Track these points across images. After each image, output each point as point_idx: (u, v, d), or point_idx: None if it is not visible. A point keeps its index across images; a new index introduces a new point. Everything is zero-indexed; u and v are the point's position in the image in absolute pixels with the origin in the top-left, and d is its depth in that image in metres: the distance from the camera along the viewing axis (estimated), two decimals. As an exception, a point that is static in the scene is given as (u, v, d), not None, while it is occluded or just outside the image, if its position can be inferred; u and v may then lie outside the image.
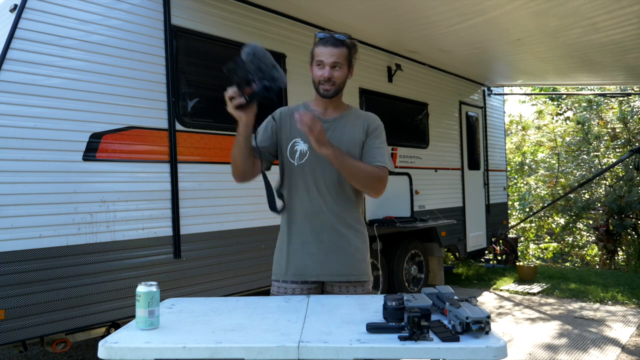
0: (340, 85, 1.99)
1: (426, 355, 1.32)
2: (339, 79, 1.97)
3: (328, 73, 1.94)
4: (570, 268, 9.12)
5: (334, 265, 1.98)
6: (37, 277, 2.76)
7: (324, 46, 1.94)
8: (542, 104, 13.37)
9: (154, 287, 1.49)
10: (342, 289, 2.00)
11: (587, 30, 4.61)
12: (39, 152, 2.81)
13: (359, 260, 2.03)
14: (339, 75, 1.96)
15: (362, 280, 2.02)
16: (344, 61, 1.96)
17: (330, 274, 1.99)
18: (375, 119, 2.13)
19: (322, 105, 2.05)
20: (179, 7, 3.55)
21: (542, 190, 11.08)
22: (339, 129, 2.03)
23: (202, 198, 3.59)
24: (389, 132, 2.31)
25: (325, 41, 1.95)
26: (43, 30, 2.87)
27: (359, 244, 2.04)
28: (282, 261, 2.04)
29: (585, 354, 3.91)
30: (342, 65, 1.96)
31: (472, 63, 6.31)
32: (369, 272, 2.07)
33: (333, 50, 1.93)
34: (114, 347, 1.35)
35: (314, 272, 1.99)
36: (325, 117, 2.04)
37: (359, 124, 2.07)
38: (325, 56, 1.93)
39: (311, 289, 2.00)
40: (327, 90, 1.97)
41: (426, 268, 5.99)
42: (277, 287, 2.04)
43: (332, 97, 2.00)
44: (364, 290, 2.03)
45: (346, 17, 4.54)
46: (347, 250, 2.00)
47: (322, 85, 1.96)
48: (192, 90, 3.65)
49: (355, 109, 2.15)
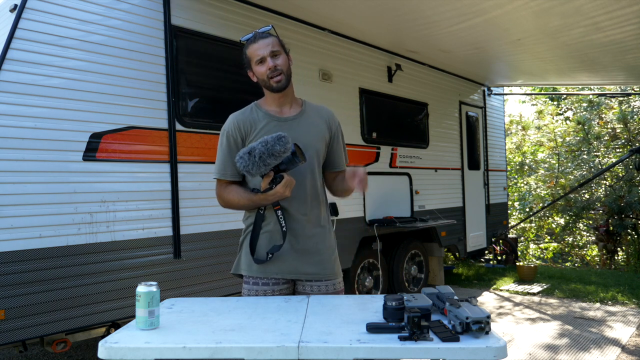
0: (288, 72, 1.96)
1: (426, 355, 1.32)
2: (284, 66, 1.94)
3: (272, 62, 1.90)
4: (570, 268, 9.11)
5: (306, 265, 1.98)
6: (37, 277, 2.76)
7: (255, 42, 1.93)
8: (542, 104, 13.37)
9: (154, 287, 1.49)
10: (313, 288, 1.98)
11: (587, 31, 4.61)
12: (39, 152, 2.81)
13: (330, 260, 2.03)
14: (282, 62, 1.93)
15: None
16: (279, 48, 1.94)
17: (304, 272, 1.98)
18: (333, 114, 2.11)
19: (275, 104, 2.00)
20: (179, 7, 3.55)
21: (542, 190, 11.08)
22: (302, 127, 1.98)
23: (202, 198, 3.59)
24: (389, 132, 2.32)
25: (254, 38, 1.94)
26: (43, 30, 2.87)
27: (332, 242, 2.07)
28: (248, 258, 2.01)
29: (585, 354, 3.91)
30: (280, 52, 1.93)
31: (472, 63, 6.31)
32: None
33: (266, 41, 1.92)
34: (114, 347, 1.35)
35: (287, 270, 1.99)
36: (283, 116, 1.99)
37: (321, 120, 2.04)
38: (261, 49, 1.91)
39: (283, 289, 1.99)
40: (279, 82, 1.92)
41: (426, 268, 5.99)
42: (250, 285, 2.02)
43: (286, 87, 1.95)
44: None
45: (346, 17, 4.54)
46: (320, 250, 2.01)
47: (272, 79, 1.92)
48: (192, 90, 3.65)
49: (309, 103, 2.09)
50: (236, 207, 1.99)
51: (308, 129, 1.99)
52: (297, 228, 1.95)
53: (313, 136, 1.98)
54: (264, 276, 1.95)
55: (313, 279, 1.97)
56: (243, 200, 1.93)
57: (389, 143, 5.43)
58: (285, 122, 1.97)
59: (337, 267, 2.05)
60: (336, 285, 2.02)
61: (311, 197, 1.98)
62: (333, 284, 2.01)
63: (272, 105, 2.01)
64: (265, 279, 1.95)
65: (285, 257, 1.94)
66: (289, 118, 1.99)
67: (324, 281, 1.98)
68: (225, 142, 1.98)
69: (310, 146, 1.95)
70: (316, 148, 1.98)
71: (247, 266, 1.99)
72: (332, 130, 2.06)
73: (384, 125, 5.44)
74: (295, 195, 1.92)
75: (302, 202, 1.96)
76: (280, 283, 1.96)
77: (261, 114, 1.99)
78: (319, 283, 1.98)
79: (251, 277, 1.97)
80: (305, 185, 1.96)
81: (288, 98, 2.01)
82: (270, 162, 1.75)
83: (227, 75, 3.86)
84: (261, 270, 1.95)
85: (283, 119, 1.98)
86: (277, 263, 1.94)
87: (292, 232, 1.95)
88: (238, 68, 3.94)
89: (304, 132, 1.97)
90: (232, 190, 1.96)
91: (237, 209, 2.02)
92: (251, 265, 1.97)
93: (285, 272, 1.96)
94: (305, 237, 1.97)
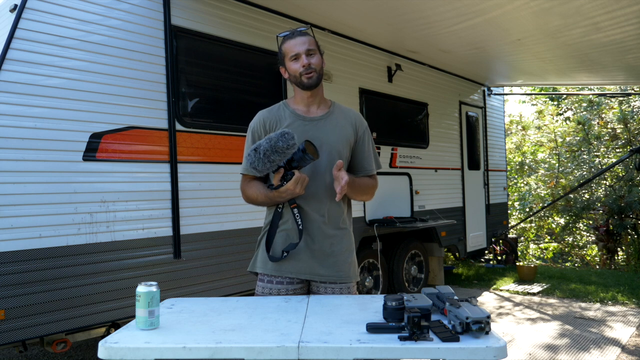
0: (320, 72, 1.97)
1: (426, 355, 1.31)
2: (317, 65, 1.95)
3: (307, 60, 1.91)
4: (570, 268, 9.11)
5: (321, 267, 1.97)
6: (37, 277, 2.76)
7: (292, 39, 1.94)
8: (542, 104, 13.37)
9: (154, 287, 1.49)
10: (327, 290, 1.98)
11: (587, 31, 4.61)
12: (39, 152, 2.81)
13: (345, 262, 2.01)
14: (316, 61, 1.94)
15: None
16: (315, 47, 1.95)
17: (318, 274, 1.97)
18: (361, 117, 2.12)
19: (304, 103, 2.01)
20: (179, 7, 3.55)
21: (542, 191, 11.08)
22: (327, 128, 1.99)
23: (202, 198, 3.59)
24: (389, 132, 2.32)
25: (291, 35, 1.95)
26: (43, 30, 2.87)
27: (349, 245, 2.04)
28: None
29: (585, 354, 3.91)
30: (315, 52, 1.95)
31: (472, 63, 6.31)
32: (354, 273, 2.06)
33: (303, 39, 1.93)
34: (114, 347, 1.35)
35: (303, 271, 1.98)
36: (310, 116, 2.00)
37: (348, 122, 2.04)
38: (298, 46, 1.92)
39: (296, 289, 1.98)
40: (310, 78, 1.93)
41: (426, 268, 5.99)
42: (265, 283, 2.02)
43: (317, 85, 1.97)
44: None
45: (346, 17, 4.54)
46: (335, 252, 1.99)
47: (305, 75, 1.93)
48: (192, 90, 3.64)
49: (338, 104, 2.10)
50: (255, 203, 1.99)
51: (332, 130, 1.99)
52: (314, 228, 1.95)
53: (337, 137, 1.98)
54: (278, 274, 1.95)
55: (327, 281, 1.97)
56: (261, 196, 1.94)
57: (389, 143, 5.43)
58: (310, 122, 1.98)
59: (352, 270, 2.03)
60: (350, 288, 2.01)
61: (330, 197, 1.96)
62: (348, 287, 2.00)
63: (300, 104, 2.02)
64: (279, 277, 1.96)
65: (300, 257, 1.94)
66: (315, 118, 2.00)
67: (338, 284, 1.98)
68: (250, 139, 2.01)
69: (332, 147, 1.95)
70: (338, 149, 1.97)
71: (262, 264, 1.99)
72: (358, 134, 2.05)
73: (384, 125, 5.44)
74: (313, 194, 1.92)
75: (319, 202, 1.95)
76: (295, 282, 1.96)
77: (288, 112, 2.01)
78: (333, 285, 1.97)
79: (266, 275, 1.98)
80: (323, 185, 1.95)
81: (317, 98, 2.02)
82: (274, 158, 1.73)
83: (227, 75, 3.86)
84: (276, 268, 1.95)
85: (309, 119, 1.99)
86: (292, 262, 1.94)
87: (308, 232, 1.94)
88: (238, 68, 3.98)
89: (328, 133, 1.97)
90: (253, 185, 1.97)
91: (257, 205, 2.01)
92: (266, 263, 1.97)
93: (300, 272, 1.95)
94: (322, 238, 1.95)
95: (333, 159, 1.94)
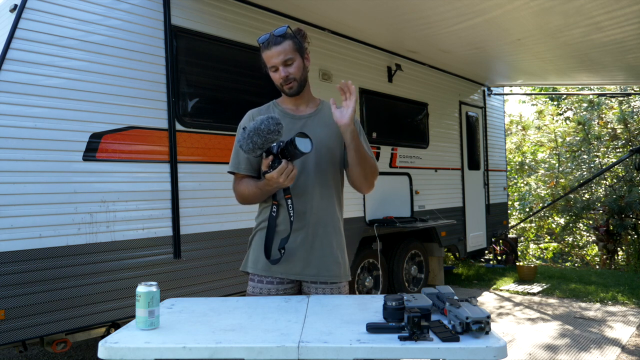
0: (301, 78, 1.95)
1: (426, 355, 1.31)
2: (297, 74, 1.92)
3: (284, 72, 1.90)
4: (570, 268, 9.11)
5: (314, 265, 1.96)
6: (37, 277, 2.76)
7: (268, 49, 1.90)
8: (542, 104, 13.36)
9: (154, 287, 1.49)
10: (318, 290, 1.97)
11: (587, 30, 4.61)
12: (39, 152, 2.81)
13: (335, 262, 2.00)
14: (294, 70, 1.91)
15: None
16: (293, 54, 1.91)
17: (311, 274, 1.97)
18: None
19: (291, 102, 2.02)
20: (179, 7, 3.55)
21: (542, 191, 11.08)
22: (316, 124, 1.98)
23: (202, 198, 3.59)
24: (389, 132, 2.31)
25: (267, 43, 1.91)
26: (43, 30, 2.87)
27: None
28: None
29: (585, 354, 3.91)
30: (293, 59, 1.91)
31: (472, 63, 6.31)
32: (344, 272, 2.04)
33: (277, 48, 1.89)
34: (114, 347, 1.35)
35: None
36: (299, 114, 2.01)
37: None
38: (273, 58, 1.89)
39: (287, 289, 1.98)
40: (291, 88, 1.93)
41: (426, 268, 5.99)
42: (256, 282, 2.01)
43: (300, 93, 1.97)
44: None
45: (346, 17, 4.54)
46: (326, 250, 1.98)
47: (285, 86, 1.93)
48: (192, 90, 3.64)
49: (327, 102, 2.07)
50: (247, 199, 1.97)
51: (321, 127, 1.98)
52: (303, 226, 1.94)
53: (326, 134, 1.97)
54: (268, 275, 1.95)
55: (318, 281, 1.96)
56: (252, 188, 1.92)
57: (389, 143, 5.43)
58: (299, 120, 1.98)
59: (343, 270, 2.02)
60: (341, 288, 2.01)
61: (320, 195, 1.95)
62: (338, 287, 1.99)
63: (288, 104, 2.03)
64: (270, 277, 1.95)
65: (291, 258, 1.94)
66: (303, 116, 2.00)
67: (328, 284, 1.97)
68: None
69: (321, 143, 1.94)
70: (327, 145, 1.96)
71: (253, 264, 1.99)
72: None
73: (384, 125, 5.44)
74: (302, 191, 1.92)
75: (308, 199, 1.94)
76: (285, 282, 1.96)
77: (277, 110, 2.02)
78: (324, 286, 1.97)
79: (256, 275, 1.97)
80: (312, 182, 1.94)
81: (304, 99, 2.02)
82: (256, 140, 1.69)
83: (227, 75, 3.86)
84: (266, 269, 1.95)
85: (298, 117, 2.00)
86: (282, 263, 1.93)
87: (298, 230, 1.93)
88: (238, 68, 3.97)
89: (316, 129, 1.96)
90: (244, 182, 1.97)
91: (250, 202, 1.99)
92: (257, 263, 1.97)
93: (289, 272, 1.95)
94: (311, 237, 1.95)
95: (322, 156, 1.94)
